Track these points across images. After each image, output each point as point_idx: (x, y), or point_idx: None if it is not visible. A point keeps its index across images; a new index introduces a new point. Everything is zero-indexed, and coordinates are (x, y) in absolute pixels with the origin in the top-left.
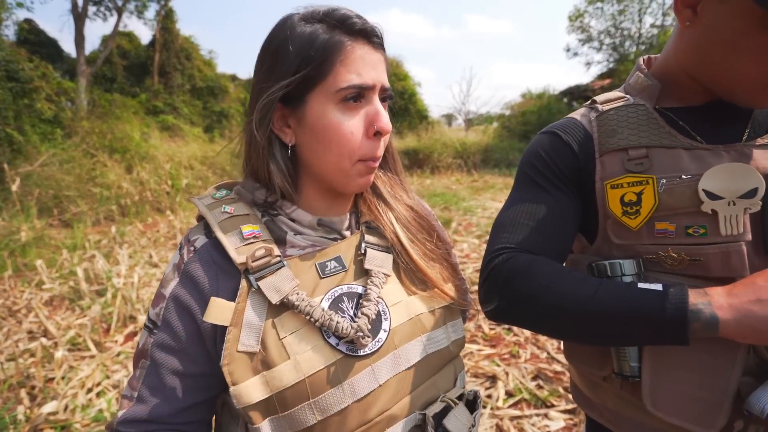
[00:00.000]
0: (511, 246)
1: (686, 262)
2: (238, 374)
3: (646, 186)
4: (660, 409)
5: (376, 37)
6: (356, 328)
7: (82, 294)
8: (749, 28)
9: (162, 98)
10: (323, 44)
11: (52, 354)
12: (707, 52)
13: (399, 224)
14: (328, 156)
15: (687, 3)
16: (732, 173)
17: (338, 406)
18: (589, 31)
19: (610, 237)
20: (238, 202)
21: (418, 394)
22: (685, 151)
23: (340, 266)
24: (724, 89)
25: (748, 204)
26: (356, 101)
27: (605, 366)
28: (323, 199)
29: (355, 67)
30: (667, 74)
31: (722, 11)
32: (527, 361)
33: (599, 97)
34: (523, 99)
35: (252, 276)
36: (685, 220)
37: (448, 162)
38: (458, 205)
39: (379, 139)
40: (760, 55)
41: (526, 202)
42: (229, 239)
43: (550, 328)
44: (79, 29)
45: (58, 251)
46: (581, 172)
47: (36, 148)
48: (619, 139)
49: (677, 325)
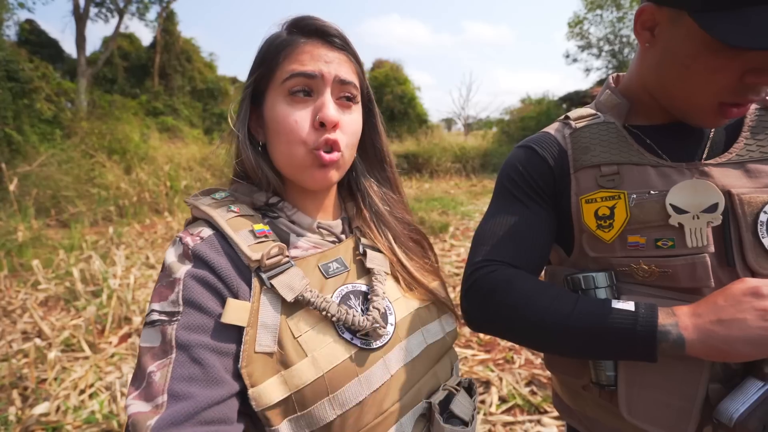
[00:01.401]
0: (492, 258)
1: (656, 273)
2: (257, 375)
3: (618, 201)
4: (635, 417)
5: (335, 38)
6: (372, 320)
7: (77, 295)
8: (699, 51)
9: (162, 100)
10: (277, 45)
11: (45, 355)
12: (664, 73)
13: (396, 243)
14: (280, 147)
15: (645, 25)
16: (695, 189)
17: (356, 398)
18: (588, 37)
19: (586, 250)
20: (239, 203)
21: (422, 383)
22: (653, 168)
23: (342, 267)
24: (678, 109)
25: (710, 218)
26: (305, 95)
27: (583, 375)
28: (305, 199)
29: (299, 59)
30: (632, 93)
31: (676, 34)
32: (521, 366)
33: (572, 114)
34: (523, 104)
35: (264, 274)
36: (655, 233)
37: (447, 166)
38: (456, 209)
39: (325, 130)
40: (708, 75)
41: (505, 215)
42: (240, 237)
43: (529, 342)
44: (80, 30)
45: (55, 251)
46: (556, 186)
47: (35, 148)
48: (591, 156)
49: (647, 345)
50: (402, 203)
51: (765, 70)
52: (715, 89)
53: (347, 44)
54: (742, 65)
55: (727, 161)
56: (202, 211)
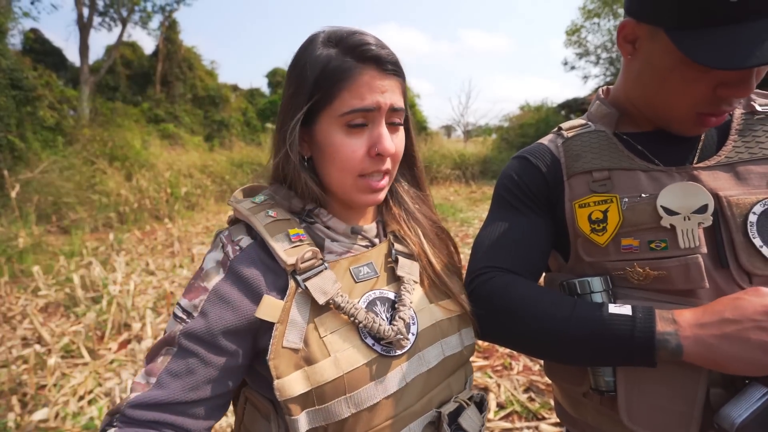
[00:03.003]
0: (492, 266)
1: (651, 276)
2: (282, 368)
3: (611, 204)
4: (636, 423)
5: (389, 64)
6: (396, 330)
7: (77, 301)
8: (675, 64)
9: (163, 107)
10: (333, 70)
11: (45, 361)
12: (645, 84)
13: (425, 239)
14: (332, 171)
15: (627, 39)
16: (685, 191)
17: (371, 401)
18: (586, 45)
19: (581, 255)
20: (277, 207)
21: (435, 393)
22: (643, 172)
23: (372, 272)
24: (660, 118)
25: (701, 219)
26: (361, 126)
27: (583, 382)
28: (345, 209)
29: (359, 93)
30: (620, 103)
31: (654, 48)
32: (520, 373)
33: (564, 125)
34: (522, 111)
35: (299, 277)
36: (648, 235)
37: (447, 173)
38: (455, 216)
39: (381, 159)
40: (684, 87)
41: (503, 223)
42: (276, 242)
43: (528, 348)
44: (83, 39)
45: (56, 258)
46: (551, 193)
47: (37, 155)
48: (583, 162)
49: (645, 352)
50: (428, 202)
51: (734, 84)
52: (692, 100)
53: (398, 68)
54: (715, 79)
55: (717, 164)
56: (243, 215)
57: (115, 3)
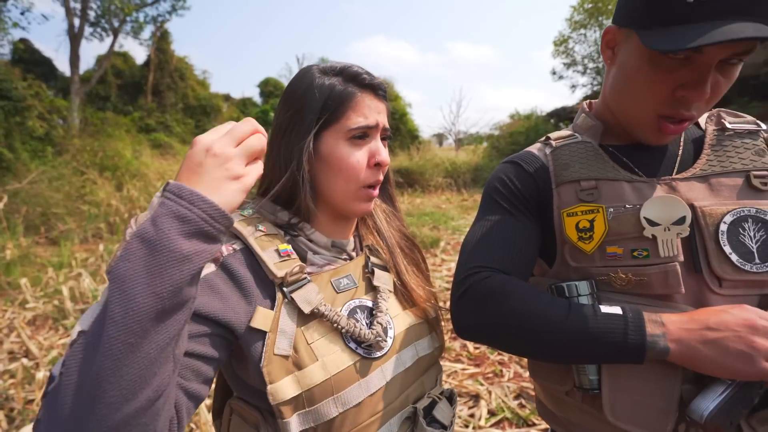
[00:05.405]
0: (484, 265)
1: (633, 281)
2: (275, 374)
3: (597, 214)
4: (618, 419)
5: (381, 90)
6: (375, 334)
7: (66, 313)
8: (642, 63)
9: (155, 116)
10: (339, 94)
11: (33, 375)
12: (618, 89)
13: (397, 250)
14: (338, 181)
15: (609, 45)
16: (665, 203)
17: (356, 399)
18: (573, 55)
19: (568, 260)
20: (264, 221)
21: (411, 391)
22: (627, 183)
23: (352, 283)
24: (628, 125)
25: (679, 230)
26: (362, 139)
27: (567, 381)
28: (332, 222)
29: (362, 112)
30: (603, 115)
31: (628, 49)
32: (510, 380)
33: (552, 135)
34: (512, 120)
35: (286, 289)
36: (631, 244)
37: (439, 181)
38: (447, 224)
39: (378, 169)
40: (648, 86)
41: (495, 224)
42: (267, 255)
43: (521, 348)
44: (74, 49)
45: (44, 269)
46: (541, 199)
47: (26, 166)
48: (572, 171)
49: (636, 352)
50: (399, 217)
51: (691, 85)
52: (653, 100)
53: (386, 94)
54: (675, 80)
55: (692, 175)
56: (234, 227)
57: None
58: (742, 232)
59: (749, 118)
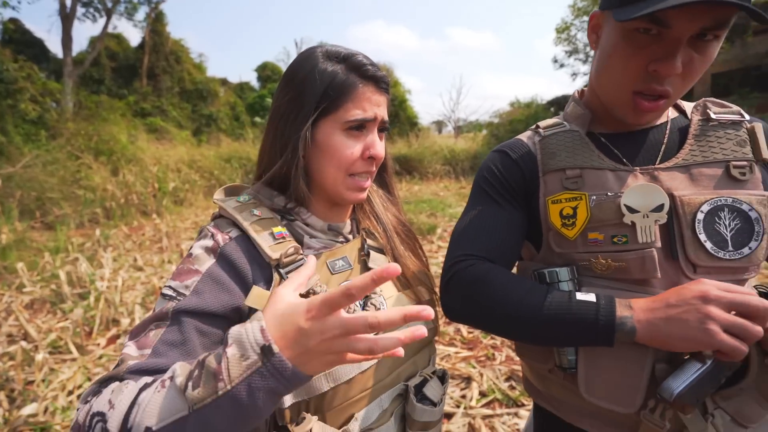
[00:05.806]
0: (470, 253)
1: (612, 267)
2: None
3: (580, 201)
4: (592, 395)
5: (383, 83)
6: None
7: (64, 297)
8: (617, 40)
9: (150, 101)
10: (340, 83)
11: (32, 357)
12: (599, 69)
13: (392, 234)
14: (329, 168)
15: (594, 29)
16: (644, 191)
17: (347, 376)
18: (575, 43)
19: (552, 246)
20: (260, 206)
21: (403, 369)
22: (611, 172)
23: (347, 264)
24: (610, 106)
25: (657, 217)
26: (359, 130)
27: (549, 360)
28: (327, 207)
29: (361, 105)
30: (591, 103)
31: (607, 31)
32: (502, 363)
33: (542, 123)
34: (512, 108)
35: (282, 270)
36: (611, 230)
37: (437, 168)
38: (444, 211)
39: (372, 161)
40: (623, 62)
41: (482, 213)
42: (262, 238)
43: (503, 331)
44: (66, 30)
45: (40, 254)
46: (527, 187)
47: (19, 149)
48: (558, 160)
49: (606, 333)
50: (397, 204)
51: (662, 60)
52: (628, 77)
53: (389, 87)
54: (647, 56)
55: (675, 165)
56: (229, 213)
57: None
58: (718, 221)
59: (734, 108)
